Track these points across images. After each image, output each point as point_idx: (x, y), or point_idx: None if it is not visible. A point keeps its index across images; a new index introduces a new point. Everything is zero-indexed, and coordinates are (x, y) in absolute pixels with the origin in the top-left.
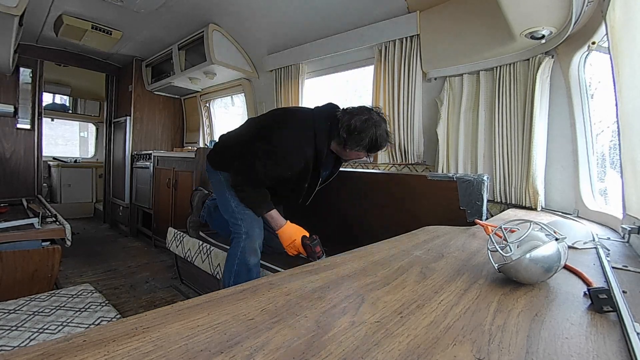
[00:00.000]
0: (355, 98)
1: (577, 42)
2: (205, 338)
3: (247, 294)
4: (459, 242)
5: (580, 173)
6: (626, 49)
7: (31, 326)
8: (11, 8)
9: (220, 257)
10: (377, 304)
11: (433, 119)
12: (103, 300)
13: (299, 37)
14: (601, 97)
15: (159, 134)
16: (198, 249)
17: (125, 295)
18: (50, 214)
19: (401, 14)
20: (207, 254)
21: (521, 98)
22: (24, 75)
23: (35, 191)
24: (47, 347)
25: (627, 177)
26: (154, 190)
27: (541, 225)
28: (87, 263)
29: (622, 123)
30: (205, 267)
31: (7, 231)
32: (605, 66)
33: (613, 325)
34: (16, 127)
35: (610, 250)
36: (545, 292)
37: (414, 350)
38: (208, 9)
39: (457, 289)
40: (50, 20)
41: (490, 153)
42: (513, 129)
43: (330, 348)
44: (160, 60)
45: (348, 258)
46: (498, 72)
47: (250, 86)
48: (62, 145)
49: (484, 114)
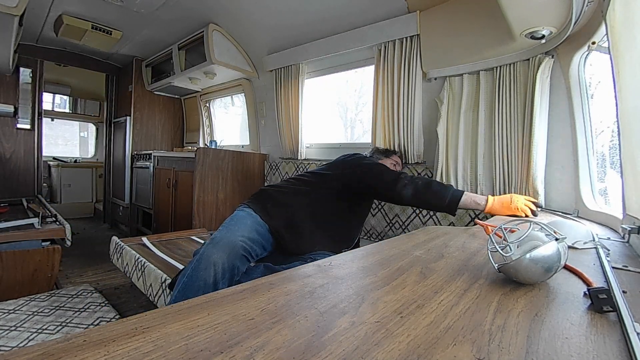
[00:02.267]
0: (356, 98)
1: (577, 42)
2: (205, 338)
3: (247, 294)
4: (459, 242)
5: (580, 173)
6: (626, 49)
7: (30, 326)
8: (11, 8)
9: (153, 276)
10: (377, 304)
11: (433, 119)
12: (102, 300)
13: (299, 37)
14: (601, 97)
15: (159, 133)
16: (134, 264)
17: (125, 295)
18: (50, 214)
19: (401, 14)
20: (142, 271)
21: (521, 98)
22: (24, 75)
23: (35, 191)
24: (47, 347)
25: (627, 177)
26: (154, 190)
27: (541, 225)
28: (87, 263)
29: (622, 123)
30: (140, 285)
31: (7, 231)
32: (605, 66)
33: (613, 325)
34: (16, 127)
35: (610, 250)
36: (545, 292)
37: (414, 350)
38: (208, 9)
39: (457, 289)
40: (50, 20)
41: (490, 153)
42: (513, 129)
43: (330, 348)
44: (160, 60)
45: (348, 258)
46: (498, 72)
47: (250, 86)
48: (62, 145)
49: (483, 114)
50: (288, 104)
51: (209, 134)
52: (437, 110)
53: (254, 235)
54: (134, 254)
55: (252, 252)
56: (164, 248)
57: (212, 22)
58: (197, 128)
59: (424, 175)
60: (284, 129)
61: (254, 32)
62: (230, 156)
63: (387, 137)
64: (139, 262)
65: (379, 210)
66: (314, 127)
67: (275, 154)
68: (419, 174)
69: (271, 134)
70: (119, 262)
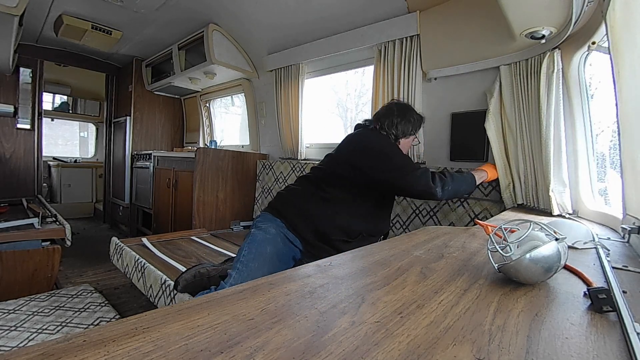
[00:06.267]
0: (356, 98)
1: (577, 42)
2: (205, 338)
3: (247, 294)
4: (459, 242)
5: (580, 173)
6: (626, 49)
7: (30, 326)
8: (11, 8)
9: (153, 277)
10: (377, 304)
11: (433, 119)
12: (102, 300)
13: (299, 37)
14: (601, 97)
15: (159, 134)
16: (134, 265)
17: (125, 295)
18: (50, 214)
19: (401, 14)
20: (142, 272)
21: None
22: (24, 75)
23: (35, 191)
24: (47, 347)
25: (627, 177)
26: (154, 190)
27: (541, 225)
28: (87, 263)
29: (622, 123)
30: (140, 286)
31: (7, 231)
32: (605, 66)
33: (613, 325)
34: (16, 127)
35: (610, 250)
36: (545, 292)
37: (414, 350)
38: (208, 9)
39: (457, 289)
40: (50, 20)
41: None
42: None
43: (330, 348)
44: (160, 60)
45: (348, 258)
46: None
47: (250, 86)
48: (62, 145)
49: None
50: (288, 104)
51: (209, 134)
52: (436, 110)
53: (275, 263)
54: (134, 254)
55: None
56: (164, 249)
57: (212, 22)
58: (197, 128)
59: None
60: (284, 129)
61: (254, 32)
62: (230, 156)
63: None
64: (139, 263)
65: None
66: (314, 127)
67: (275, 154)
68: None
69: (271, 134)
70: (119, 262)
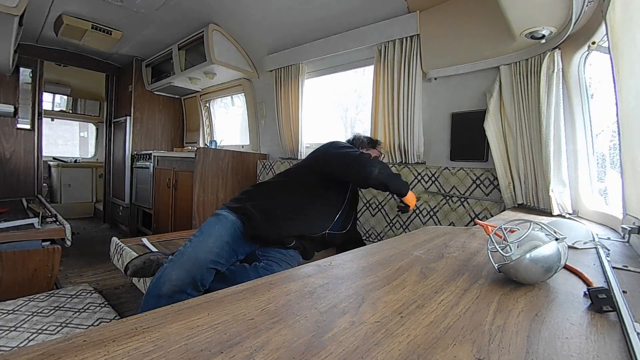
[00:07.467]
0: (356, 98)
1: (577, 42)
2: (205, 338)
3: (247, 294)
4: (459, 242)
5: (580, 173)
6: (626, 49)
7: (30, 326)
8: (11, 8)
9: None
10: (377, 304)
11: (433, 119)
12: (102, 300)
13: (299, 37)
14: (601, 97)
15: (159, 134)
16: None
17: (125, 295)
18: (50, 214)
19: (401, 14)
20: None
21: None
22: (24, 75)
23: (35, 191)
24: (47, 347)
25: (627, 177)
26: (154, 190)
27: (541, 225)
28: (87, 263)
29: (622, 123)
30: (140, 286)
31: (7, 231)
32: (605, 66)
33: (613, 325)
34: (16, 127)
35: (610, 250)
36: (545, 292)
37: (414, 350)
38: (208, 9)
39: (457, 289)
40: (50, 20)
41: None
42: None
43: (330, 348)
44: (160, 60)
45: (348, 258)
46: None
47: (250, 86)
48: (62, 145)
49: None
50: (288, 104)
51: (209, 134)
52: (436, 110)
53: (223, 242)
54: (134, 255)
55: (221, 259)
56: (164, 249)
57: (212, 22)
58: (197, 128)
59: (425, 175)
60: (284, 129)
61: (254, 32)
62: (230, 156)
63: (387, 137)
64: None
65: (379, 210)
66: (314, 127)
67: (275, 154)
68: (419, 174)
69: (271, 134)
70: (119, 263)
